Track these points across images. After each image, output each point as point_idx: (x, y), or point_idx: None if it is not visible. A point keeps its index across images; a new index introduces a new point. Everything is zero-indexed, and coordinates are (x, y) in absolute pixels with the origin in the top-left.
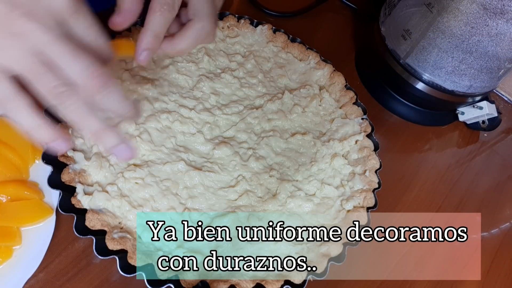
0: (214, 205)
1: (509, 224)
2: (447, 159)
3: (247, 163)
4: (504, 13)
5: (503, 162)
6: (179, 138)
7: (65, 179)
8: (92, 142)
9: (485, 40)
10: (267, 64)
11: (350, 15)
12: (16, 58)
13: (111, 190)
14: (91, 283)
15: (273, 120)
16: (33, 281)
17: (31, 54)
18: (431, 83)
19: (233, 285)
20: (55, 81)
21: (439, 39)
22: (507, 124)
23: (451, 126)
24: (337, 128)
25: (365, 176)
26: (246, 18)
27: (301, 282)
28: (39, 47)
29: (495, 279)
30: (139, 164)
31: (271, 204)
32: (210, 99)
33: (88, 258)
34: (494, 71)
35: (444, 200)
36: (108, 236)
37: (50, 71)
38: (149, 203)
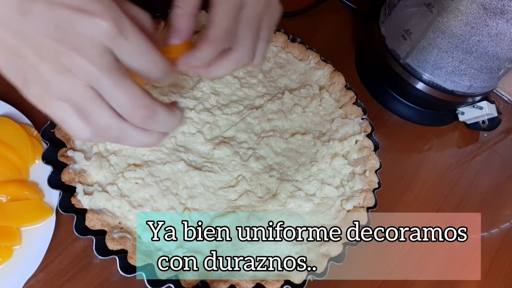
0: (214, 205)
1: (509, 224)
2: (447, 159)
3: (247, 163)
4: (504, 13)
5: (503, 162)
6: (179, 138)
7: (65, 179)
8: (92, 142)
9: (485, 40)
10: (267, 64)
11: (350, 15)
12: (73, 92)
13: (111, 190)
14: (91, 283)
15: (273, 120)
16: (33, 281)
17: (84, 87)
18: (431, 83)
19: (233, 285)
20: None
21: (439, 39)
22: (507, 124)
23: (451, 126)
24: (337, 128)
25: (365, 176)
26: None
27: (301, 282)
28: (88, 80)
29: (495, 279)
30: (139, 164)
31: (271, 204)
32: (210, 99)
33: (88, 258)
34: (494, 71)
35: (444, 200)
36: (108, 236)
37: (104, 103)
38: (149, 203)
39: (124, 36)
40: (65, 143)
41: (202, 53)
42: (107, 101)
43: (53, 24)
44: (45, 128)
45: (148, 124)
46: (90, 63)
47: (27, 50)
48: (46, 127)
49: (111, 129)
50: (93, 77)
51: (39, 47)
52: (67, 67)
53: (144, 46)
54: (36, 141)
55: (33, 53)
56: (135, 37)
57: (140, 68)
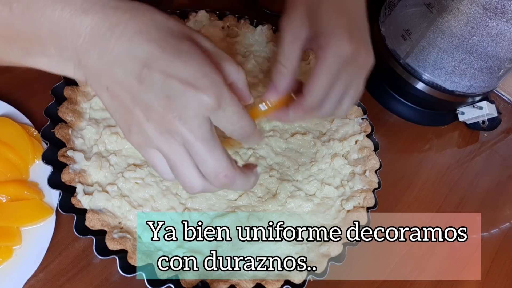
0: (214, 205)
1: (509, 224)
2: (447, 159)
3: (247, 163)
4: (504, 13)
5: (503, 162)
6: None
7: (65, 179)
8: (92, 142)
9: (485, 40)
10: (267, 64)
11: None
12: (169, 149)
13: (111, 190)
14: (91, 283)
15: (273, 120)
16: (33, 281)
17: (180, 146)
18: (431, 83)
19: (233, 285)
20: (194, 173)
21: (439, 39)
22: (507, 124)
23: (451, 126)
24: (337, 128)
25: (365, 176)
26: (246, 18)
27: (301, 282)
28: (185, 144)
29: (495, 279)
30: (139, 164)
31: (271, 204)
32: None
33: (88, 258)
34: (494, 71)
35: (444, 200)
36: (108, 236)
37: (193, 164)
38: (149, 203)
39: (222, 108)
40: (65, 143)
41: (295, 116)
42: (195, 163)
43: (164, 93)
44: (45, 128)
45: (225, 187)
46: (189, 132)
47: (137, 110)
48: (46, 127)
49: (194, 186)
50: (189, 144)
51: (149, 110)
52: (169, 130)
53: (237, 115)
54: (36, 141)
55: (142, 114)
56: (231, 107)
57: (231, 132)
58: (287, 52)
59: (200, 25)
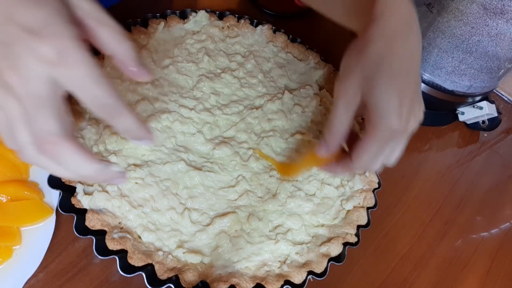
0: (214, 205)
1: (509, 224)
2: (447, 159)
3: (247, 163)
4: (504, 13)
5: (503, 162)
6: (179, 138)
7: (65, 179)
8: (92, 142)
9: (485, 40)
10: (267, 64)
11: None
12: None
13: (111, 190)
14: (91, 283)
15: (273, 120)
16: (33, 281)
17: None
18: (431, 83)
19: (233, 285)
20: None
21: (439, 39)
22: (507, 124)
23: (451, 126)
24: None
25: (365, 176)
26: (246, 18)
27: (301, 282)
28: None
29: (495, 279)
30: (139, 164)
31: (271, 204)
32: (210, 99)
33: (88, 258)
34: (494, 71)
35: (444, 200)
36: (108, 236)
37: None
38: (149, 203)
39: (67, 66)
40: None
41: (342, 172)
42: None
43: (0, 39)
44: None
45: (55, 161)
46: (20, 86)
47: None
48: None
49: (22, 151)
50: (20, 99)
51: None
52: (4, 82)
53: (89, 79)
54: None
55: None
56: (82, 68)
57: (85, 103)
58: (339, 117)
59: (200, 25)
